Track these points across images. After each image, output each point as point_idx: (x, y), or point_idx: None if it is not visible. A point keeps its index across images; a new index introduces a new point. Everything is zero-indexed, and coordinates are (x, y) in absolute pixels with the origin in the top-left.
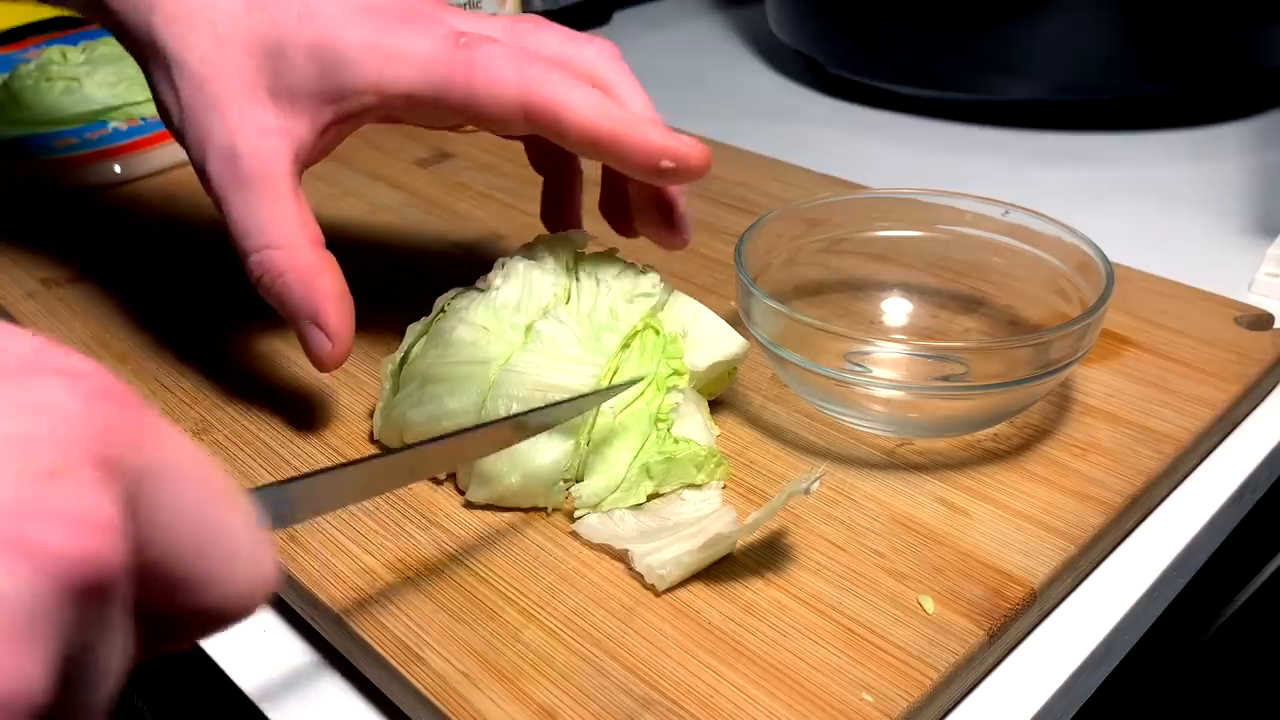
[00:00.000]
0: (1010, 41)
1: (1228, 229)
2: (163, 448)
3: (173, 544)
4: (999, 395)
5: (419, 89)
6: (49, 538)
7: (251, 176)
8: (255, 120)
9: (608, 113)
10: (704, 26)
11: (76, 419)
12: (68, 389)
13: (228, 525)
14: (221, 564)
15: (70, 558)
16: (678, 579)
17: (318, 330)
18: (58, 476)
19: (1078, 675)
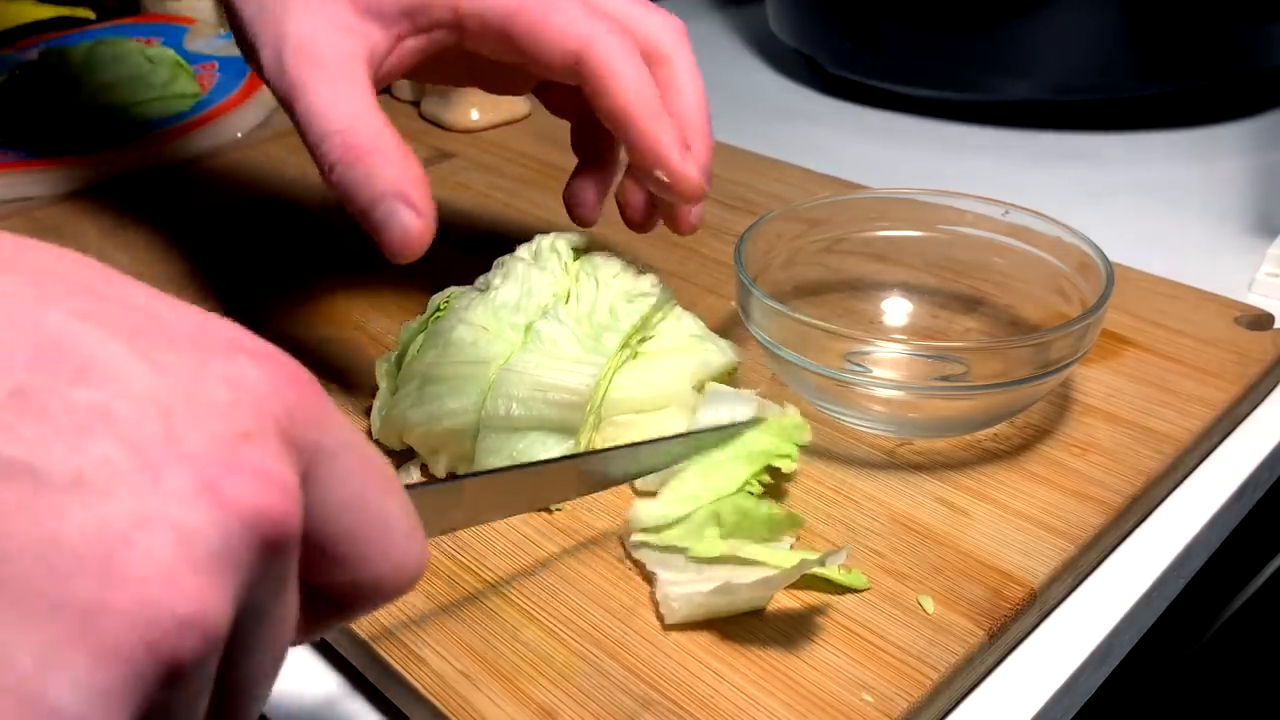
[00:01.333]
0: (1010, 41)
1: (1228, 229)
2: (335, 433)
3: (338, 520)
4: (999, 395)
5: (493, 13)
6: (240, 490)
7: (332, 63)
8: (335, 16)
9: (647, 100)
10: (704, 26)
11: (266, 396)
12: (260, 369)
13: (387, 510)
14: (378, 544)
15: (258, 509)
16: (684, 617)
17: (406, 208)
18: (249, 439)
19: (1078, 675)
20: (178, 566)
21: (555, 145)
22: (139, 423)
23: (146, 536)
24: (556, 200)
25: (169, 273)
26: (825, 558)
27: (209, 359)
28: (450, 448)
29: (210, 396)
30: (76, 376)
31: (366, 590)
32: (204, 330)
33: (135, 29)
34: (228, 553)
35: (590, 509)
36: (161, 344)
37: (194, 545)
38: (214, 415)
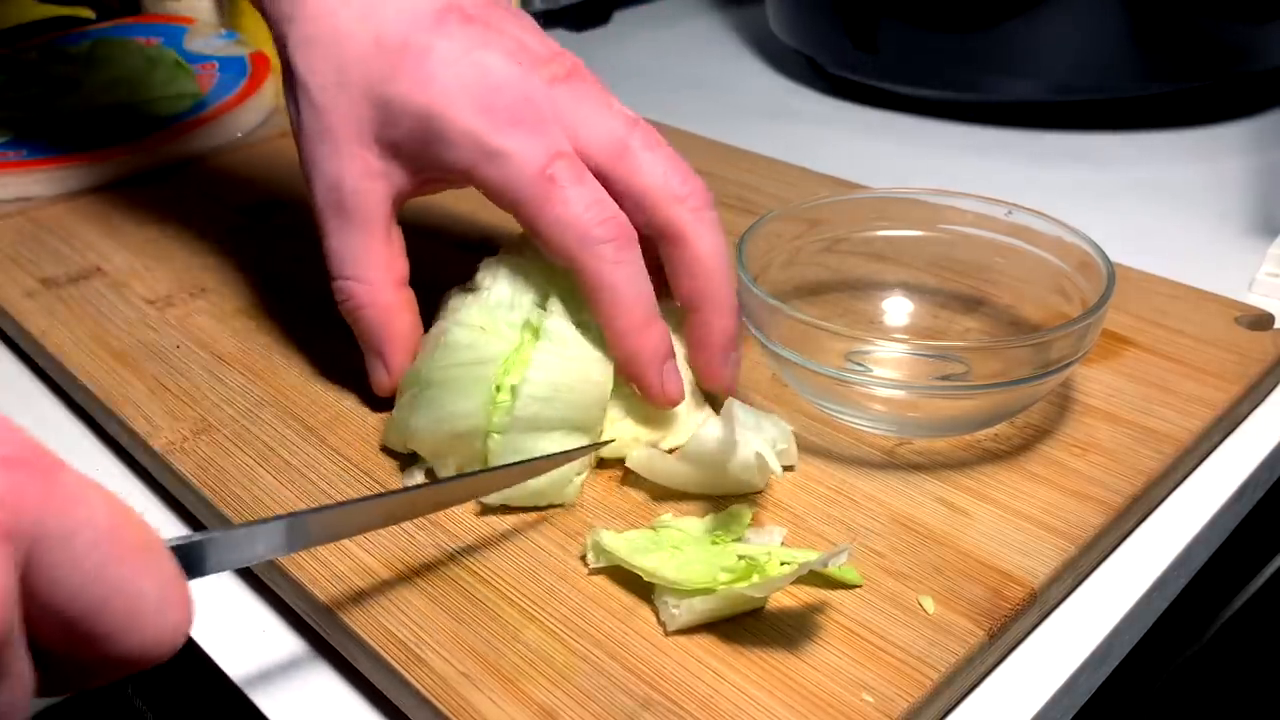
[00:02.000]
0: (1011, 41)
1: (1228, 229)
2: (69, 514)
3: (76, 600)
4: (999, 395)
5: (498, 193)
6: None
7: (352, 211)
8: (361, 160)
9: (631, 314)
10: (704, 26)
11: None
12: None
13: (131, 583)
14: (125, 619)
15: None
16: (685, 624)
17: (380, 367)
18: None
19: (1078, 675)
20: None
21: None
22: None
23: None
24: None
25: (169, 273)
26: (826, 558)
27: None
28: (458, 451)
29: None
30: None
31: (116, 663)
32: None
33: (135, 29)
34: None
35: (590, 509)
36: None
37: None
38: None
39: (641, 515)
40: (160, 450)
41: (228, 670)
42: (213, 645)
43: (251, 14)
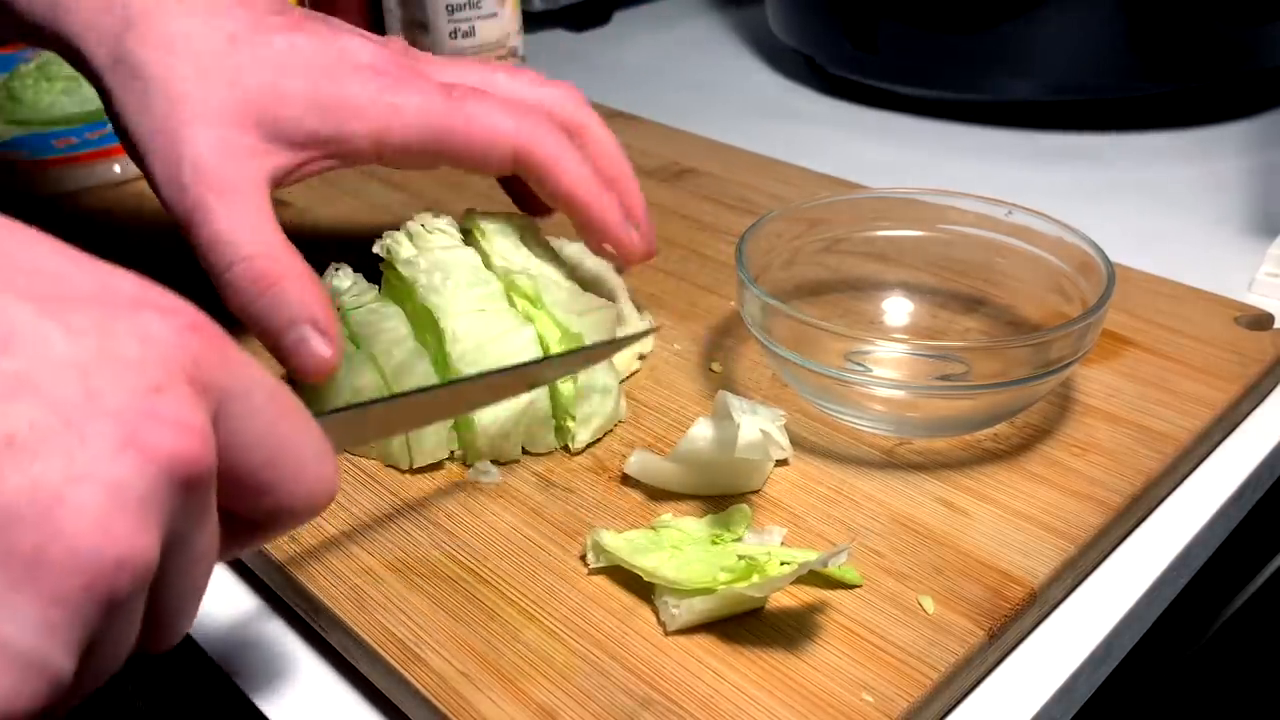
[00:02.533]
0: (1010, 41)
1: (1228, 229)
2: (243, 374)
3: (252, 453)
4: (999, 395)
5: (416, 139)
6: (158, 439)
7: (234, 188)
8: (236, 140)
9: (588, 181)
10: (704, 26)
11: (173, 347)
12: (165, 323)
13: (296, 440)
14: (291, 471)
15: (175, 455)
16: (685, 624)
17: (315, 334)
18: (161, 391)
19: (1078, 675)
20: (108, 516)
21: None
22: (58, 386)
23: (77, 491)
24: None
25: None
26: (826, 558)
27: (116, 316)
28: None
29: (121, 353)
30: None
31: (284, 513)
32: (108, 288)
33: None
34: (152, 498)
35: (590, 509)
36: (70, 306)
37: (121, 495)
38: (127, 371)
39: (641, 515)
40: None
41: (227, 670)
42: (213, 645)
43: None
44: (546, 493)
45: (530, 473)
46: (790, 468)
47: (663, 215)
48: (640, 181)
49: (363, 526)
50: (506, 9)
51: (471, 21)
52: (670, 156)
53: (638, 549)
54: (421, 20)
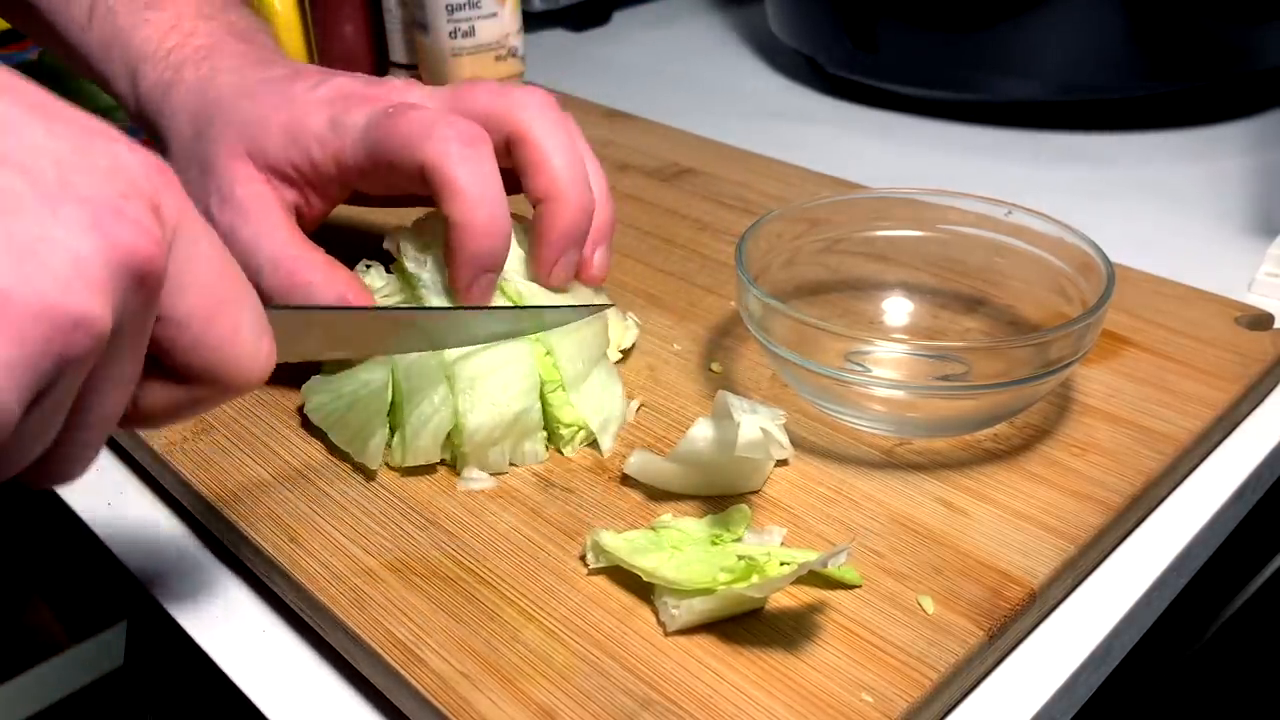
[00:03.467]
0: (1010, 41)
1: (1228, 229)
2: (196, 221)
3: (194, 297)
4: (999, 395)
5: (360, 156)
6: (123, 232)
7: (252, 209)
8: (243, 171)
9: (478, 204)
10: (704, 26)
11: (140, 175)
12: (135, 156)
13: (235, 303)
14: (225, 331)
15: (135, 250)
16: (685, 624)
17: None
18: (127, 198)
19: (1078, 675)
20: (72, 279)
21: None
22: (36, 166)
23: (47, 251)
24: None
25: None
26: (826, 558)
27: (94, 137)
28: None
29: (95, 162)
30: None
31: (211, 374)
32: (89, 119)
33: None
34: (111, 277)
35: (590, 509)
36: (54, 116)
37: (85, 266)
38: (99, 175)
39: (641, 515)
40: (159, 450)
41: (228, 670)
42: (213, 645)
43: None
44: (546, 493)
45: (530, 473)
46: (790, 468)
47: (663, 215)
48: (640, 181)
49: (363, 527)
50: (506, 9)
51: (471, 21)
52: (670, 156)
53: (637, 549)
54: (421, 20)
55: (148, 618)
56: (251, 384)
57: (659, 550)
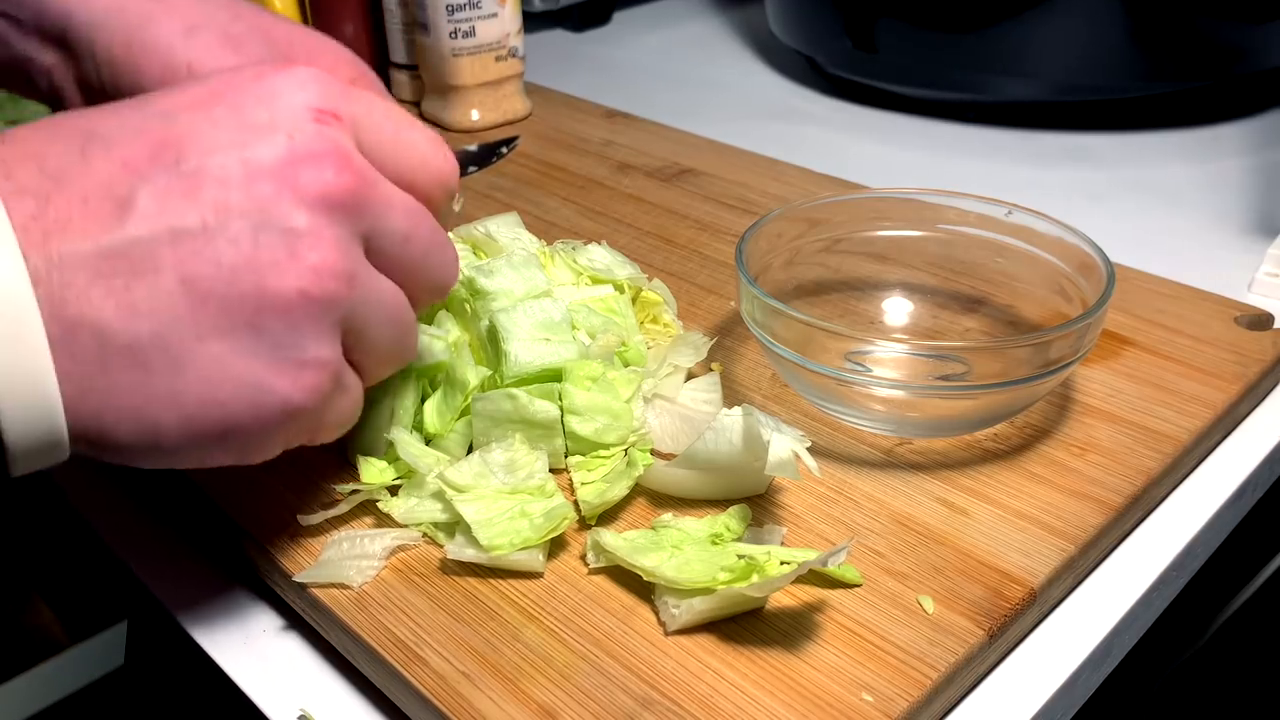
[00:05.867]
0: (1010, 41)
1: (1228, 229)
2: (360, 99)
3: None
4: (999, 395)
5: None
6: (309, 180)
7: None
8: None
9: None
10: (704, 26)
11: (298, 101)
12: (286, 79)
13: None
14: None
15: (327, 189)
16: (685, 624)
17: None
18: (293, 138)
19: (1078, 675)
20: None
21: (555, 145)
22: (222, 169)
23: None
24: (556, 200)
25: None
26: (826, 557)
27: (244, 91)
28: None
29: (255, 121)
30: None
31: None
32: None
33: None
34: (319, 223)
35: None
36: (209, 101)
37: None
38: (264, 136)
39: (641, 515)
40: None
41: (228, 670)
42: (213, 645)
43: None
44: None
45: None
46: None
47: (663, 215)
48: (640, 181)
49: (362, 527)
50: (506, 9)
51: (471, 21)
52: (670, 156)
53: (638, 549)
54: (421, 20)
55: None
56: (448, 187)
57: (659, 550)
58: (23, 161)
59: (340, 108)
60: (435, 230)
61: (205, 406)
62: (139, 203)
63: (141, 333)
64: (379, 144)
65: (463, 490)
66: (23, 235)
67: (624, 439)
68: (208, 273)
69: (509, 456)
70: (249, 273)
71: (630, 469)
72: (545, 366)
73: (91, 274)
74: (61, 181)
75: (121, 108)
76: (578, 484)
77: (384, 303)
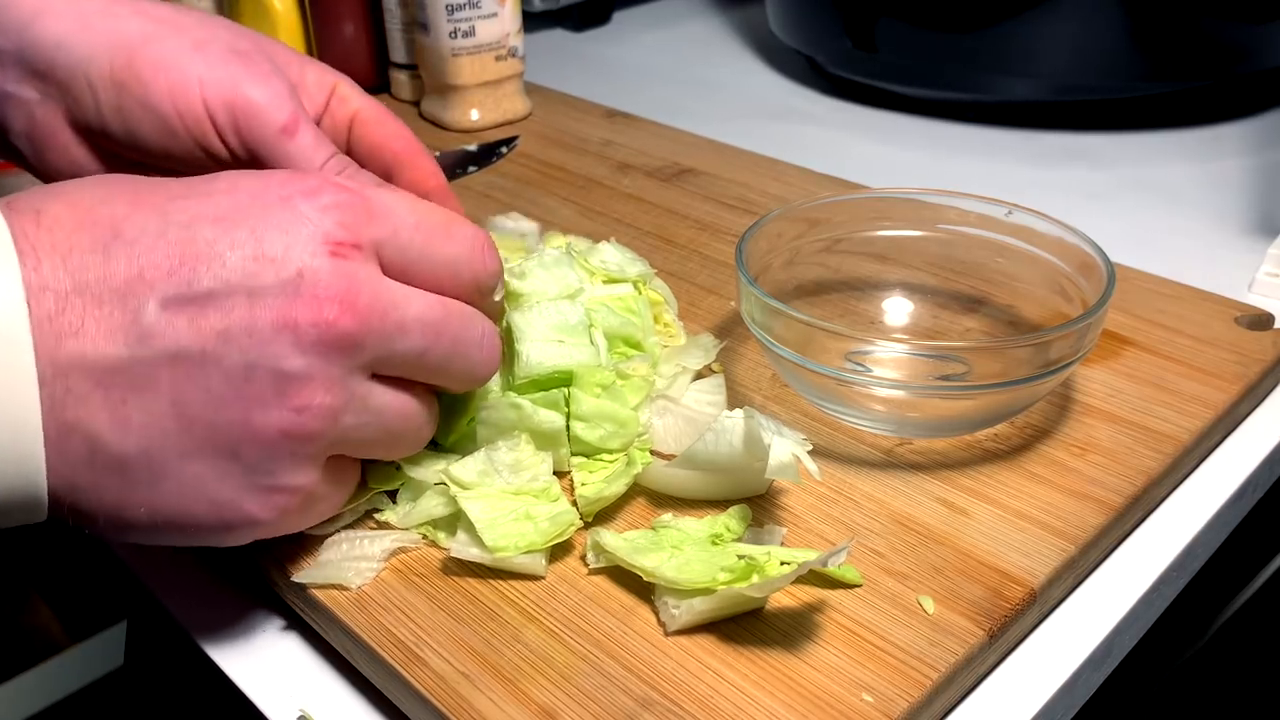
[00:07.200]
0: (1010, 41)
1: (1228, 229)
2: (386, 222)
3: (417, 266)
4: (999, 395)
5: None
6: (309, 318)
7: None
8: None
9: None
10: (704, 26)
11: (313, 228)
12: (308, 205)
13: (446, 248)
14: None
15: (322, 328)
16: (686, 624)
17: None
18: (303, 276)
19: (1078, 675)
20: (282, 400)
21: (555, 145)
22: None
23: (254, 388)
24: (556, 200)
25: None
26: (826, 557)
27: (264, 220)
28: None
29: (269, 252)
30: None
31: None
32: (254, 195)
33: None
34: (309, 367)
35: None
36: (229, 225)
37: (284, 380)
38: (272, 265)
39: (641, 515)
40: None
41: (227, 670)
42: (212, 645)
43: (250, 14)
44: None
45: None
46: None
47: (663, 215)
48: (640, 181)
49: (363, 527)
50: (506, 9)
51: (471, 21)
52: (670, 156)
53: (638, 549)
54: (422, 20)
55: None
56: (487, 289)
57: (659, 550)
58: (51, 253)
59: (361, 235)
60: (459, 339)
61: (176, 515)
62: (148, 320)
63: (130, 446)
64: (406, 265)
65: (467, 487)
66: (38, 334)
67: (628, 446)
68: (198, 399)
69: (515, 457)
70: (237, 404)
71: (629, 468)
72: (556, 369)
73: (93, 384)
74: (82, 282)
75: (144, 200)
76: (578, 484)
77: (383, 418)
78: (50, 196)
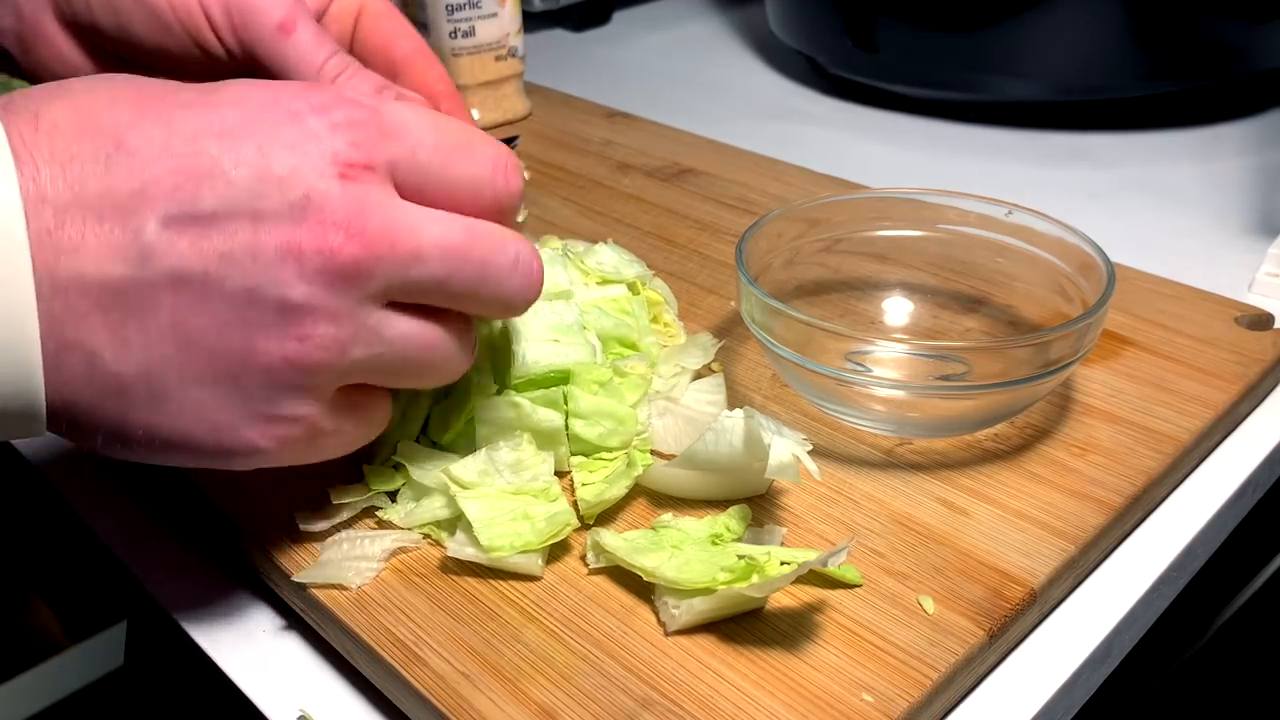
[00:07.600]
0: (1010, 41)
1: (1228, 229)
2: (402, 141)
3: (440, 187)
4: (999, 395)
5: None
6: (314, 245)
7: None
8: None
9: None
10: (704, 26)
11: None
12: (317, 121)
13: (466, 167)
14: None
15: (328, 258)
16: (685, 624)
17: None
18: (310, 199)
19: (1078, 675)
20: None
21: (555, 145)
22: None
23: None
24: (556, 200)
25: None
26: (826, 557)
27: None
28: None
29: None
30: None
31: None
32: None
33: None
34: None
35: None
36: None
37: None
38: (280, 187)
39: (641, 515)
40: None
41: (227, 670)
42: (212, 645)
43: None
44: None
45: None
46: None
47: (663, 215)
48: (640, 181)
49: (363, 528)
50: (506, 9)
51: (471, 21)
52: (670, 156)
53: (638, 549)
54: (421, 20)
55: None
56: (509, 208)
57: (659, 550)
58: (50, 161)
59: (374, 155)
60: (486, 262)
61: (175, 437)
62: (149, 239)
63: (129, 368)
64: (423, 186)
65: (467, 487)
66: (36, 248)
67: (627, 443)
68: (200, 323)
69: (516, 456)
70: (238, 330)
71: (630, 469)
72: (552, 368)
73: (92, 303)
74: (82, 195)
75: (149, 108)
76: (578, 484)
77: (401, 348)
78: (49, 97)
